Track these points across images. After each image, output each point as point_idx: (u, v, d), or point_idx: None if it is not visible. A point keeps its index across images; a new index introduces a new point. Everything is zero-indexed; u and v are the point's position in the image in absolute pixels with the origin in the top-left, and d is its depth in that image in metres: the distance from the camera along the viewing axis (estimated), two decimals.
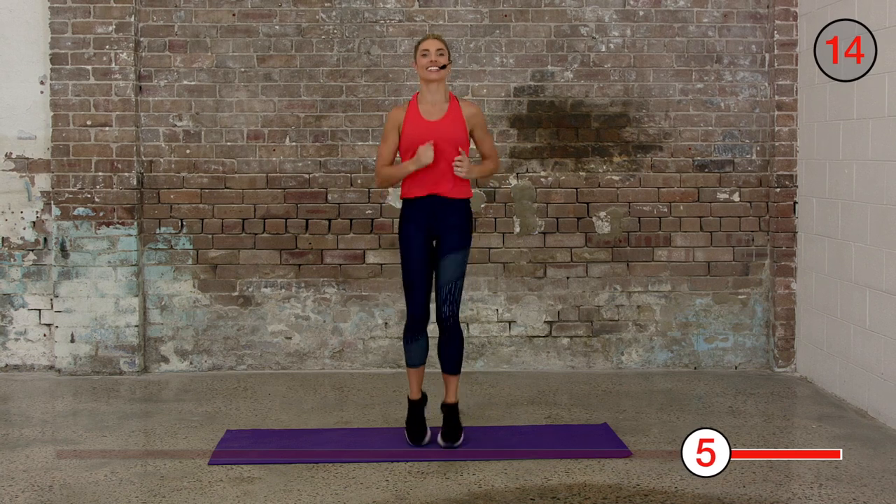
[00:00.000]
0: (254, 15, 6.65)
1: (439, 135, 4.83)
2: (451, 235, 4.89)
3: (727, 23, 6.71)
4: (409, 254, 4.90)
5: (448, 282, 4.89)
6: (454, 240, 4.89)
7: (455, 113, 4.91)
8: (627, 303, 6.74)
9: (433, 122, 4.87)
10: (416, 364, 5.00)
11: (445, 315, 4.91)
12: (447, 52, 4.90)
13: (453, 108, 4.92)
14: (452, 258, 4.88)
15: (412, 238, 4.89)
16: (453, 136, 4.86)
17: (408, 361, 5.01)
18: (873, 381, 5.56)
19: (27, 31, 6.60)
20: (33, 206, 6.65)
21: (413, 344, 4.97)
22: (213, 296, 6.67)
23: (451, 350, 4.96)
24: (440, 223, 4.89)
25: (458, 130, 4.88)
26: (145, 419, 5.54)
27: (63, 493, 4.31)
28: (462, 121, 4.91)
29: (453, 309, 4.91)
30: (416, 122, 4.88)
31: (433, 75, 4.85)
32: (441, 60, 4.85)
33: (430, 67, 4.84)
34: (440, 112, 4.90)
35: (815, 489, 4.34)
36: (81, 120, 6.54)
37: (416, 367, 5.00)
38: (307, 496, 4.26)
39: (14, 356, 6.69)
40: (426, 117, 4.88)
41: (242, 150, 6.65)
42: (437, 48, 4.86)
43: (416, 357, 4.98)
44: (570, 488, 4.34)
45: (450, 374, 4.99)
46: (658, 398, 5.97)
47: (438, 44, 4.87)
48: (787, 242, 6.65)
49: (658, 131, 6.73)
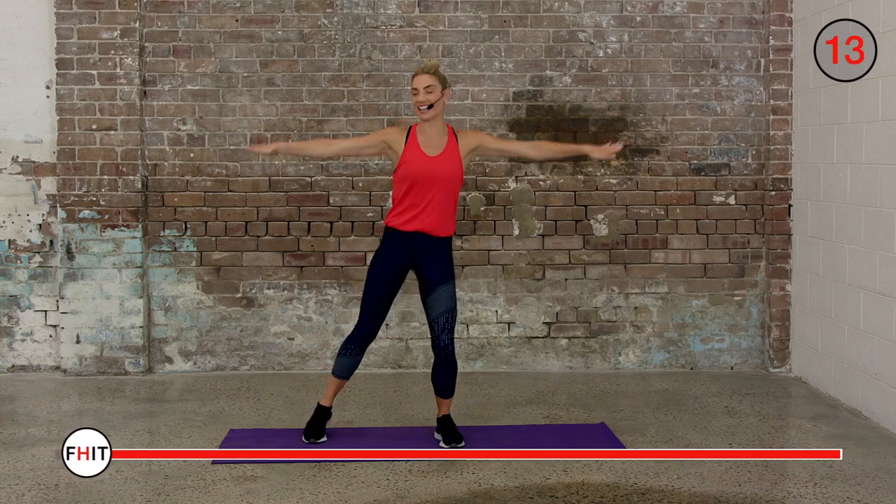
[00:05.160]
0: (257, 20, 6.72)
1: (437, 170, 4.86)
2: (440, 269, 4.92)
3: (723, 28, 6.78)
4: (382, 277, 4.92)
5: (444, 312, 4.93)
6: (443, 274, 4.93)
7: (453, 148, 4.93)
8: (625, 304, 6.81)
9: (432, 158, 4.88)
10: (344, 377, 5.05)
11: (444, 343, 4.94)
12: (438, 83, 4.86)
13: (451, 144, 4.94)
14: (444, 290, 4.92)
15: (389, 266, 4.91)
16: (450, 172, 4.88)
17: (336, 371, 5.03)
18: (867, 381, 5.61)
19: (33, 37, 6.67)
20: (39, 208, 6.72)
21: (350, 357, 4.99)
22: (217, 297, 6.75)
23: (447, 377, 5.02)
24: (424, 258, 4.92)
25: (455, 167, 4.91)
26: (150, 419, 5.60)
27: (69, 491, 4.36)
28: (459, 157, 4.93)
29: (450, 337, 4.96)
30: (416, 154, 4.88)
31: (423, 115, 4.86)
32: (430, 99, 4.83)
33: (420, 107, 4.86)
34: (440, 146, 4.91)
35: (810, 488, 4.38)
36: (87, 124, 6.61)
37: (341, 378, 5.05)
38: (309, 495, 4.31)
39: (20, 357, 6.76)
40: (425, 150, 4.89)
41: (245, 154, 6.72)
42: (426, 86, 4.83)
43: (346, 370, 5.02)
44: (569, 487, 4.39)
45: (444, 399, 5.07)
46: (655, 398, 6.03)
47: (427, 80, 4.84)
48: (782, 245, 6.72)
49: (655, 135, 6.80)
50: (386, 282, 4.93)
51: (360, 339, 4.99)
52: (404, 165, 4.88)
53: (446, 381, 5.02)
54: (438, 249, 4.93)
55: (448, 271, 4.96)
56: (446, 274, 4.94)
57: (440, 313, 4.93)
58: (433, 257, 4.92)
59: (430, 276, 4.93)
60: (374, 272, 4.95)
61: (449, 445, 4.95)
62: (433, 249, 4.92)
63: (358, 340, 4.99)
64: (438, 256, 4.93)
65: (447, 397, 5.07)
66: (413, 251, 4.92)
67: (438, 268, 4.92)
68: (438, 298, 4.92)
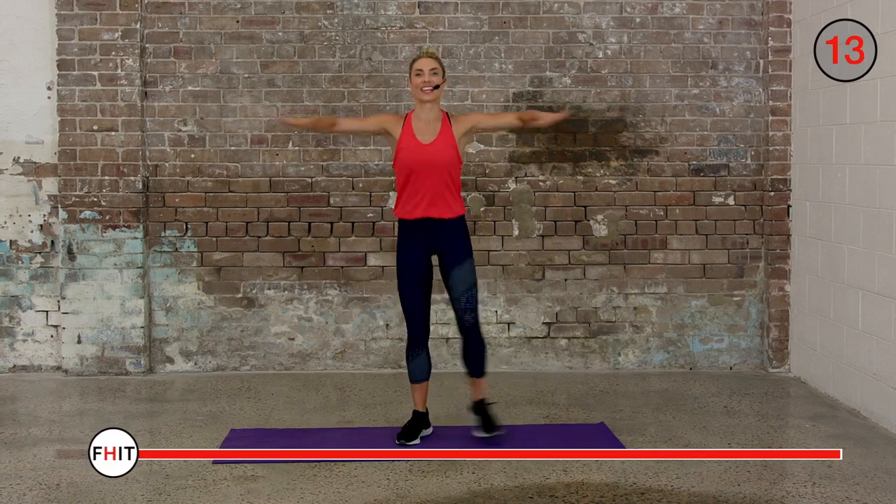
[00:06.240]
0: (257, 22, 6.74)
1: (432, 157, 4.92)
2: (455, 249, 4.99)
3: (722, 29, 6.80)
4: (408, 276, 5.00)
5: (465, 291, 4.99)
6: (459, 252, 5.00)
7: (447, 134, 4.99)
8: (624, 304, 6.83)
9: (426, 145, 4.94)
10: (420, 380, 5.10)
11: (470, 323, 5.01)
12: (441, 70, 4.98)
13: (445, 129, 4.99)
14: (463, 268, 4.99)
15: (409, 261, 4.99)
16: (445, 158, 4.94)
17: (412, 377, 5.11)
18: (866, 381, 5.63)
19: (35, 38, 6.69)
20: (41, 209, 6.74)
21: (416, 360, 5.07)
22: (218, 297, 6.76)
23: (477, 355, 5.07)
24: (439, 241, 4.99)
25: (450, 152, 4.96)
26: (151, 419, 5.61)
27: (70, 491, 4.37)
28: (454, 142, 4.98)
29: (474, 316, 5.02)
30: (411, 143, 4.95)
31: (427, 96, 4.93)
32: (435, 80, 4.92)
33: (423, 88, 4.92)
34: (433, 133, 4.97)
35: (809, 487, 4.39)
36: (88, 125, 6.63)
37: (419, 382, 5.10)
38: (310, 494, 4.33)
39: (22, 357, 6.78)
40: (420, 138, 4.95)
41: (246, 155, 6.74)
42: (431, 68, 4.93)
43: (420, 373, 5.08)
44: (568, 486, 4.40)
45: (476, 378, 5.11)
46: (654, 398, 6.04)
47: (432, 63, 4.94)
48: (781, 245, 6.73)
49: (654, 136, 6.82)
50: (415, 279, 5.00)
51: (416, 339, 5.05)
52: (400, 154, 4.97)
53: (477, 359, 5.06)
54: (451, 231, 4.99)
55: (465, 249, 5.01)
56: (463, 252, 5.00)
57: (462, 292, 4.99)
58: (448, 239, 4.99)
59: (447, 257, 5.00)
60: (401, 272, 5.03)
61: (490, 434, 4.99)
62: (446, 232, 4.98)
63: (415, 340, 5.05)
64: (452, 237, 4.99)
65: (479, 376, 5.10)
66: (427, 236, 4.98)
67: (453, 248, 4.99)
68: (458, 277, 4.99)
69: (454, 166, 4.99)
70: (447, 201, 4.96)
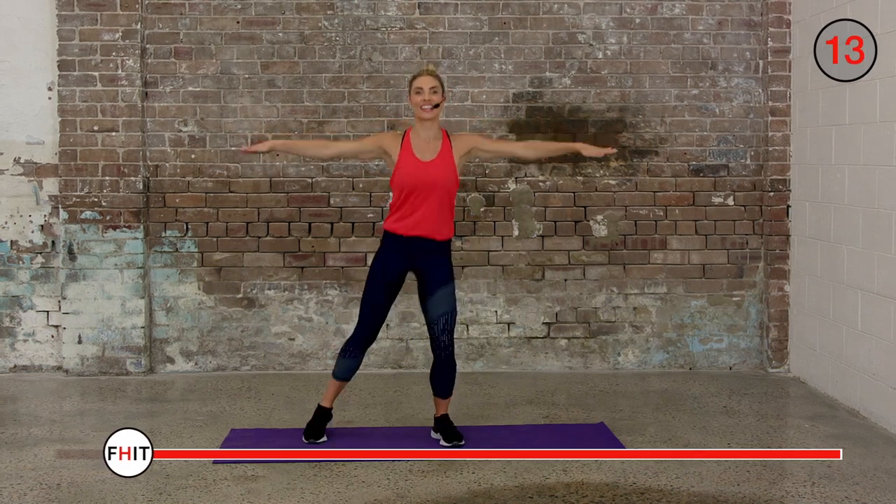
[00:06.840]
0: (258, 22, 6.75)
1: (432, 176, 4.89)
2: (439, 273, 4.94)
3: (722, 30, 6.81)
4: (381, 281, 4.95)
5: (444, 313, 4.94)
6: (443, 276, 4.95)
7: (446, 153, 4.96)
8: (624, 304, 6.84)
9: (426, 163, 4.91)
10: (344, 379, 5.08)
11: (444, 344, 4.96)
12: (441, 88, 4.95)
13: (445, 149, 4.97)
14: (444, 291, 4.94)
15: (386, 269, 4.95)
16: (444, 177, 4.91)
17: (336, 373, 5.06)
18: (865, 381, 5.64)
19: (35, 39, 6.70)
20: (41, 209, 6.75)
21: (349, 360, 5.02)
22: (218, 298, 6.77)
23: (446, 377, 5.03)
24: (423, 262, 4.94)
25: (448, 172, 4.93)
26: (151, 419, 5.62)
27: (70, 491, 4.38)
28: (452, 162, 4.96)
29: (450, 338, 4.98)
30: (410, 160, 4.92)
31: (427, 115, 4.90)
32: (434, 99, 4.89)
33: (423, 106, 4.90)
34: (433, 151, 4.95)
35: (808, 487, 4.40)
36: (88, 125, 6.64)
37: (342, 381, 5.09)
38: (310, 494, 4.34)
39: (22, 357, 6.79)
40: (419, 156, 4.92)
41: (246, 155, 6.74)
42: (431, 86, 4.90)
43: (347, 373, 5.05)
44: (568, 486, 4.41)
45: (442, 399, 5.09)
46: (654, 398, 6.05)
47: (432, 81, 4.91)
48: (780, 245, 6.74)
49: (654, 136, 6.83)
50: (385, 285, 4.96)
51: (359, 341, 5.02)
52: (399, 172, 4.92)
53: (445, 381, 5.04)
54: (437, 253, 4.95)
55: (448, 274, 4.98)
56: (446, 277, 4.96)
57: (440, 315, 4.95)
58: (432, 261, 4.94)
59: (429, 280, 4.95)
60: (374, 276, 4.98)
61: (451, 444, 4.97)
62: (432, 253, 4.94)
63: (357, 342, 5.02)
64: (438, 260, 4.95)
65: (446, 397, 5.09)
66: (412, 255, 4.94)
67: (438, 271, 4.95)
68: (438, 301, 4.94)
69: (452, 186, 4.96)
70: (441, 223, 4.93)
